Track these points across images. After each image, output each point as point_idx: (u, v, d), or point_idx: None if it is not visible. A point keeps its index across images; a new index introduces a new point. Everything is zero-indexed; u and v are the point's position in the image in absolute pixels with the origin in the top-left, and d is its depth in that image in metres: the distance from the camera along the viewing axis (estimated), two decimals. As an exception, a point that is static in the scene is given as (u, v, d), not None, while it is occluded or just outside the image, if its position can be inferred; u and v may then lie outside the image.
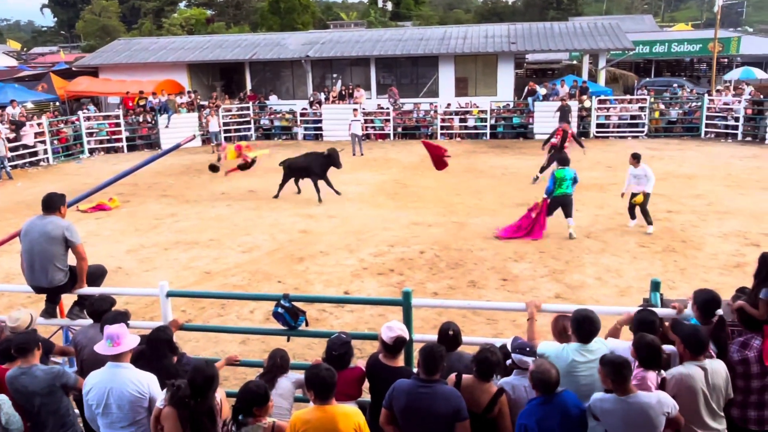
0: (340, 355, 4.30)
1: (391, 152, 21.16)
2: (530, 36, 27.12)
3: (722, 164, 17.32)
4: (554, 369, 3.70)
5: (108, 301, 5.06)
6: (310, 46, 28.13)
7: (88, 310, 5.16)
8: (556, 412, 3.61)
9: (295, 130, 25.30)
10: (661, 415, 3.56)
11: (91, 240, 11.61)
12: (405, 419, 3.87)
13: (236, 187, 16.49)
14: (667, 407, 3.57)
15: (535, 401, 3.70)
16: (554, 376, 3.65)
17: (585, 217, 12.38)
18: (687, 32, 41.83)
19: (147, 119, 23.79)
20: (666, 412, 3.57)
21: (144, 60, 28.32)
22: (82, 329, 5.10)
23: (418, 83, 27.54)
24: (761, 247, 10.11)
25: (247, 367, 5.76)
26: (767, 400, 4.06)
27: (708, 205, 13.09)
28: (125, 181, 13.89)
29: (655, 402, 3.56)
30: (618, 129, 22.92)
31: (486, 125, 23.71)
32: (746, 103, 21.45)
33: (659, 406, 3.55)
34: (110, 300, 5.11)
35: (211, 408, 3.82)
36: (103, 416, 4.09)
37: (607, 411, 3.63)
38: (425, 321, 7.65)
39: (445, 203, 13.91)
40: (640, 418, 3.56)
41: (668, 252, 10.28)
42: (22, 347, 4.34)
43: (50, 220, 5.53)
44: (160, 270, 10.25)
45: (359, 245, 11.20)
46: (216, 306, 8.66)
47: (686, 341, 3.84)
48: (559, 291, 8.83)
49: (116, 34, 51.41)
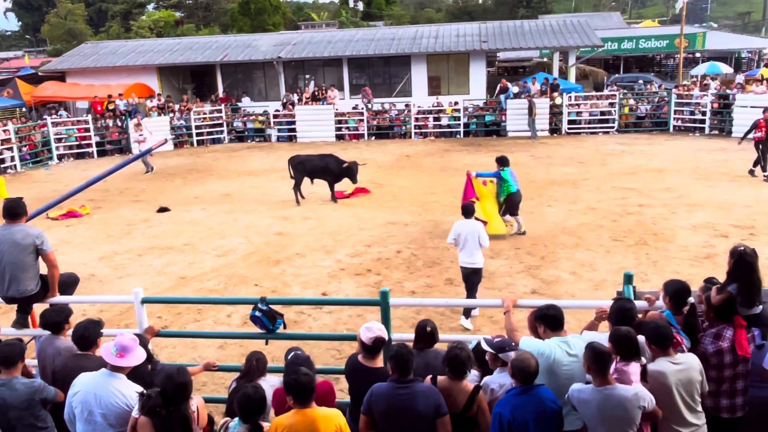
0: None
1: (365, 152, 21.14)
2: (501, 34, 27.36)
3: (690, 158, 17.67)
4: (534, 360, 3.74)
5: (63, 313, 4.90)
6: (281, 47, 28.01)
7: (41, 322, 4.93)
8: (531, 405, 3.65)
9: (268, 132, 25.15)
10: (636, 408, 3.62)
11: (63, 248, 11.41)
12: (386, 422, 3.87)
13: (210, 190, 16.34)
14: (644, 401, 3.63)
15: (513, 391, 3.74)
16: (534, 366, 3.69)
17: (559, 213, 12.54)
18: (654, 29, 42.68)
19: (117, 124, 23.44)
20: (642, 405, 3.62)
21: (112, 63, 27.91)
22: (46, 340, 4.94)
23: (391, 83, 27.60)
24: (730, 237, 10.35)
25: (226, 372, 5.72)
26: (738, 388, 4.16)
27: (678, 198, 13.35)
28: (96, 187, 13.69)
29: (632, 395, 3.61)
30: (589, 125, 23.23)
31: (459, 123, 23.85)
32: (712, 97, 21.91)
33: (635, 399, 3.61)
34: (66, 311, 4.94)
35: (185, 417, 3.77)
36: (85, 423, 4.00)
37: (584, 401, 3.69)
38: (403, 320, 7.68)
39: (421, 202, 13.96)
40: (615, 410, 3.61)
41: (640, 245, 10.45)
42: (6, 359, 4.23)
43: (19, 228, 5.42)
44: (135, 276, 10.11)
45: (336, 246, 11.19)
46: (192, 311, 8.57)
47: (650, 338, 3.91)
48: (535, 287, 8.92)
49: (83, 38, 50.55)
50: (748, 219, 11.56)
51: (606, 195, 13.84)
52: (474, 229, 7.67)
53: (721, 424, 4.09)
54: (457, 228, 7.74)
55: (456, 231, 7.74)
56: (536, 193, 14.24)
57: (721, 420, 4.10)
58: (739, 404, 4.18)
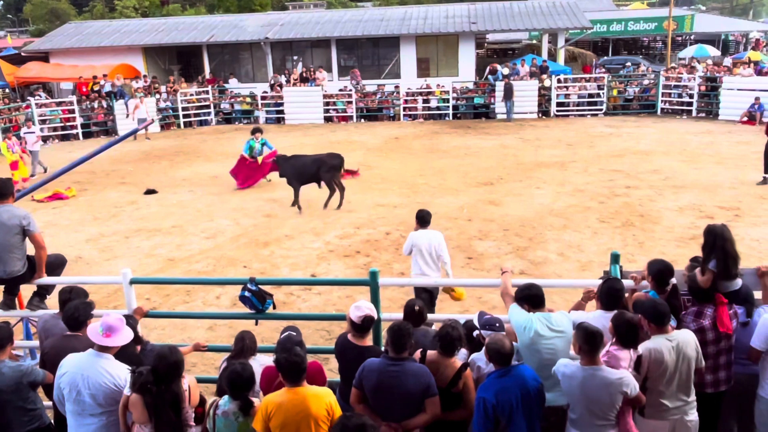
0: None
1: (354, 134, 21.07)
2: (490, 15, 27.21)
3: (677, 140, 17.77)
4: (508, 341, 3.79)
5: (89, 308, 4.55)
6: (269, 28, 27.68)
7: (65, 317, 4.50)
8: (514, 385, 3.70)
9: (256, 113, 24.94)
10: (618, 393, 3.67)
11: (49, 230, 11.31)
12: (375, 397, 3.92)
13: (198, 172, 16.23)
14: (627, 387, 3.68)
15: (493, 375, 3.78)
16: (508, 347, 3.74)
17: (547, 195, 12.59)
18: (643, 11, 42.53)
19: (102, 105, 23.15)
20: (624, 391, 3.68)
21: (97, 44, 27.46)
22: (42, 320, 4.97)
23: (380, 64, 27.41)
24: (715, 219, 10.45)
25: (215, 352, 5.73)
26: (721, 363, 4.24)
27: (664, 180, 13.45)
28: (82, 169, 13.57)
29: (616, 379, 3.67)
30: (577, 107, 23.26)
31: (448, 106, 23.79)
32: (700, 80, 21.99)
33: (619, 384, 3.66)
34: (91, 306, 4.60)
35: (176, 395, 3.78)
36: (74, 403, 4.00)
37: (568, 376, 3.75)
38: (393, 301, 7.72)
39: (410, 184, 13.96)
40: (597, 391, 3.67)
41: (627, 226, 10.54)
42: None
43: (5, 209, 5.37)
44: (122, 258, 10.06)
45: (325, 228, 11.18)
46: (181, 293, 8.56)
47: (648, 315, 3.96)
48: (524, 267, 8.99)
49: (66, 18, 49.71)
50: (734, 201, 11.68)
51: (594, 177, 13.92)
52: (430, 240, 6.63)
53: (706, 399, 4.17)
54: (413, 239, 6.72)
55: (410, 242, 6.72)
56: (525, 176, 14.29)
57: (705, 395, 4.18)
58: (723, 378, 4.26)
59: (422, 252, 6.59)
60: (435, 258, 6.61)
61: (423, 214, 6.79)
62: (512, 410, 3.67)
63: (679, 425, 3.97)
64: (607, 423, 3.75)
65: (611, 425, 3.76)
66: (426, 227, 6.72)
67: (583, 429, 3.79)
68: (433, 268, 6.62)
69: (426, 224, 6.73)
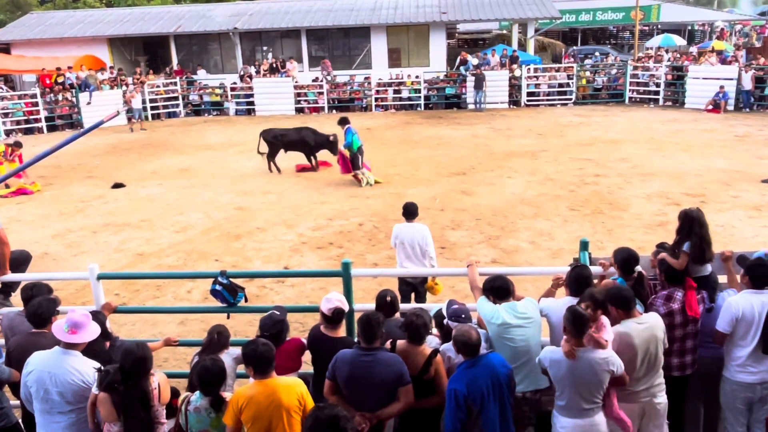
0: (273, 335, 4.22)
1: (326, 125, 20.92)
2: (461, 5, 27.25)
3: (645, 128, 18.06)
4: (474, 331, 3.82)
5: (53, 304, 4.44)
6: (237, 18, 27.32)
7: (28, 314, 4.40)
8: (484, 374, 3.74)
9: (226, 105, 24.63)
10: (605, 372, 3.74)
11: (14, 226, 11.04)
12: (349, 388, 3.92)
13: (167, 165, 15.98)
14: (613, 365, 3.75)
15: (463, 365, 3.81)
16: (475, 337, 3.78)
17: (518, 184, 12.70)
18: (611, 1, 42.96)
19: (66, 97, 22.61)
20: (611, 369, 3.75)
21: (60, 35, 26.83)
22: (8, 318, 4.84)
23: (351, 55, 27.27)
24: (682, 205, 10.57)
25: (187, 347, 5.66)
26: (687, 347, 4.33)
27: (632, 167, 13.66)
28: (47, 163, 13.25)
29: (602, 358, 3.73)
30: (548, 97, 23.47)
31: (420, 96, 23.79)
32: (666, 69, 22.36)
33: (605, 363, 3.73)
34: (55, 302, 4.51)
35: (144, 392, 3.73)
36: (42, 401, 3.92)
37: (555, 361, 3.79)
38: (366, 292, 7.70)
39: (382, 175, 13.93)
40: (585, 372, 3.73)
41: (596, 214, 10.70)
42: None
43: (-35, 205, 5.21)
44: (90, 254, 9.86)
45: (297, 220, 11.11)
46: (151, 288, 8.43)
47: (614, 301, 4.02)
48: (496, 256, 9.06)
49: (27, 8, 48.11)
50: (700, 187, 11.93)
51: (564, 166, 14.07)
52: (413, 233, 6.58)
53: (673, 382, 4.26)
54: (396, 231, 6.68)
55: (394, 234, 6.69)
56: (496, 165, 14.39)
57: (672, 378, 4.26)
58: (689, 362, 4.35)
59: (404, 245, 6.55)
60: (419, 251, 6.55)
61: (408, 206, 6.73)
62: (484, 399, 3.71)
63: (649, 407, 4.05)
64: (595, 406, 3.81)
65: (599, 407, 3.83)
66: (411, 220, 6.66)
67: (571, 415, 3.83)
68: (414, 261, 6.56)
69: (412, 217, 6.67)
